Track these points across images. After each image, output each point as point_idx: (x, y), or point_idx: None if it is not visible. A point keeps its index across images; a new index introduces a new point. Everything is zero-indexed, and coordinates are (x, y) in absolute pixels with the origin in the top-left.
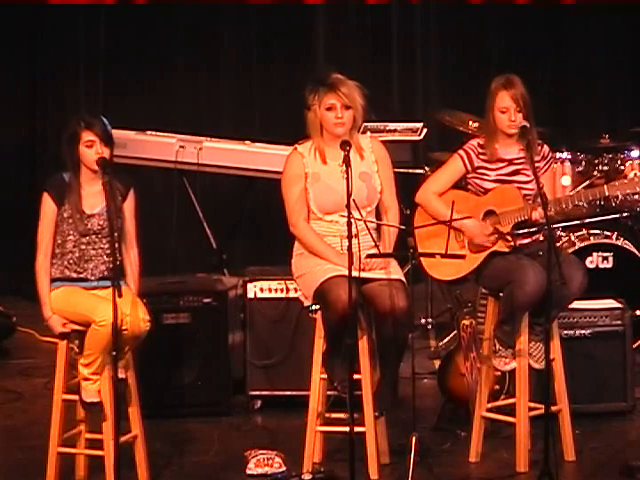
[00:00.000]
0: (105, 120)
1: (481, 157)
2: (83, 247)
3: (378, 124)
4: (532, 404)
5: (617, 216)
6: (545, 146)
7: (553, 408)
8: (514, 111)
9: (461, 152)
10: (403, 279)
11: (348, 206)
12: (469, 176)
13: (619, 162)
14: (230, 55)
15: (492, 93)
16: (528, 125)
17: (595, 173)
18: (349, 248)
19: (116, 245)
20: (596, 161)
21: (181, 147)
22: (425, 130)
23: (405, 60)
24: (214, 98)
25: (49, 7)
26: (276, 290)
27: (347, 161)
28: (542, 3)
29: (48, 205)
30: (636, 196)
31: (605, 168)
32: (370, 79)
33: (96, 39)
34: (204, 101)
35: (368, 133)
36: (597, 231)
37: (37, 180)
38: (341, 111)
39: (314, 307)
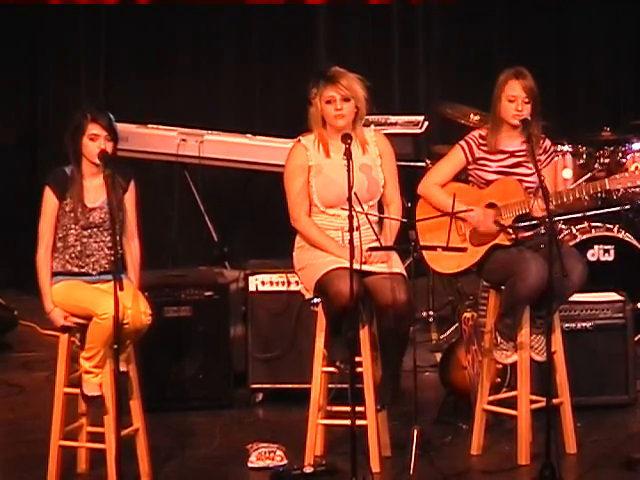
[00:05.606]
0: (111, 115)
1: (482, 148)
2: (85, 240)
3: (379, 117)
4: (533, 397)
5: (618, 209)
6: (547, 140)
7: (554, 401)
8: (522, 101)
9: (462, 143)
10: (404, 272)
11: (349, 198)
12: (470, 167)
13: (620, 155)
14: (230, 54)
15: (501, 82)
16: (529, 118)
17: (596, 166)
18: (350, 241)
19: (117, 238)
20: (597, 154)
21: (182, 140)
22: (426, 123)
23: (406, 53)
24: (215, 96)
25: (49, 7)
26: (277, 283)
27: (348, 154)
28: None
29: (50, 199)
30: (637, 189)
31: (606, 161)
32: (371, 73)
33: (96, 39)
34: (205, 97)
35: (372, 127)
36: (598, 224)
37: (38, 175)
38: (340, 103)
39: (315, 300)
